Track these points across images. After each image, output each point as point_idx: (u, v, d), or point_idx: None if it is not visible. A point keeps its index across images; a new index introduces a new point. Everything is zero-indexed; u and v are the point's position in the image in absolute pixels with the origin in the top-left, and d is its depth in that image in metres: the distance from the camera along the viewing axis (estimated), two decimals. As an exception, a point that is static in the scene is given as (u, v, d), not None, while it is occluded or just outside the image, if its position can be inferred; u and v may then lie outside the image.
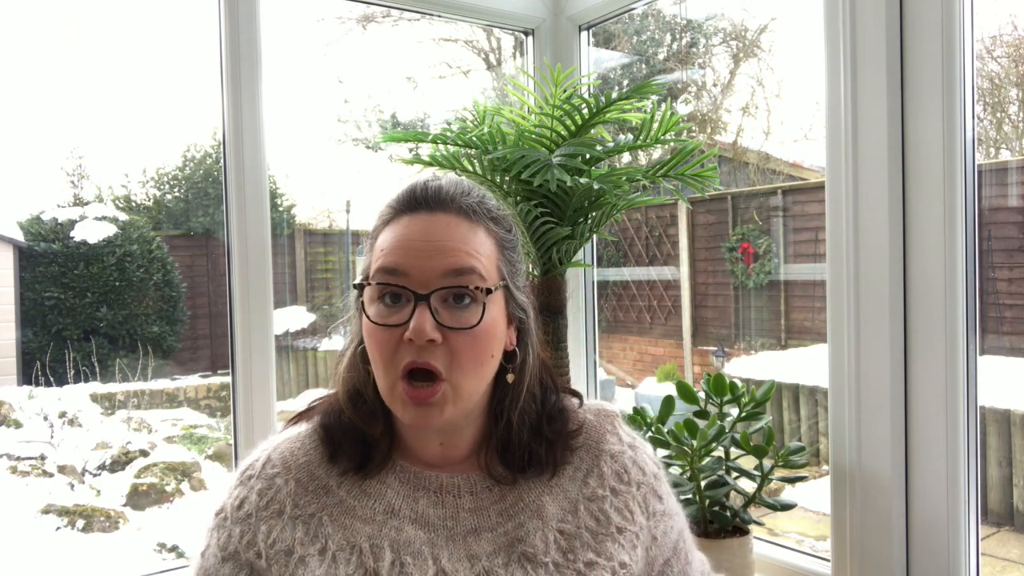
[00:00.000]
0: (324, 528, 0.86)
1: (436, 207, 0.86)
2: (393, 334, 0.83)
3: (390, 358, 0.83)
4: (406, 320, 0.82)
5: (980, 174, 1.31)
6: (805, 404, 4.15)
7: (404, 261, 0.83)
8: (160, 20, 4.99)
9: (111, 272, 4.81)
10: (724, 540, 1.41)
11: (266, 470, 0.90)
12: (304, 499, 0.87)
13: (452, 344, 0.83)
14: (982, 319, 1.57)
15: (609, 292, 5.86)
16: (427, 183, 0.89)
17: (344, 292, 5.79)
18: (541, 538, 0.88)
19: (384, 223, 0.89)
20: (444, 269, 0.83)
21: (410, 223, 0.86)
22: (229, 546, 0.87)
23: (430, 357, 0.82)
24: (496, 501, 0.90)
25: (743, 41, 5.84)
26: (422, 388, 0.82)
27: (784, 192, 5.01)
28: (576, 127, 1.46)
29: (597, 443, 0.95)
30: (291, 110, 5.38)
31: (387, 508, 0.88)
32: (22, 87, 4.70)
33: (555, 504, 0.90)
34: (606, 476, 0.93)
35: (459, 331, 0.83)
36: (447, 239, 0.84)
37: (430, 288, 0.82)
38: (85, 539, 3.39)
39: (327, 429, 0.92)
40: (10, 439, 3.87)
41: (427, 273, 0.83)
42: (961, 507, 1.28)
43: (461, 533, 0.87)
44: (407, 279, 0.83)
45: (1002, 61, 3.94)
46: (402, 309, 0.83)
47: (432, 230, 0.85)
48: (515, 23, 1.99)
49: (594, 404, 1.00)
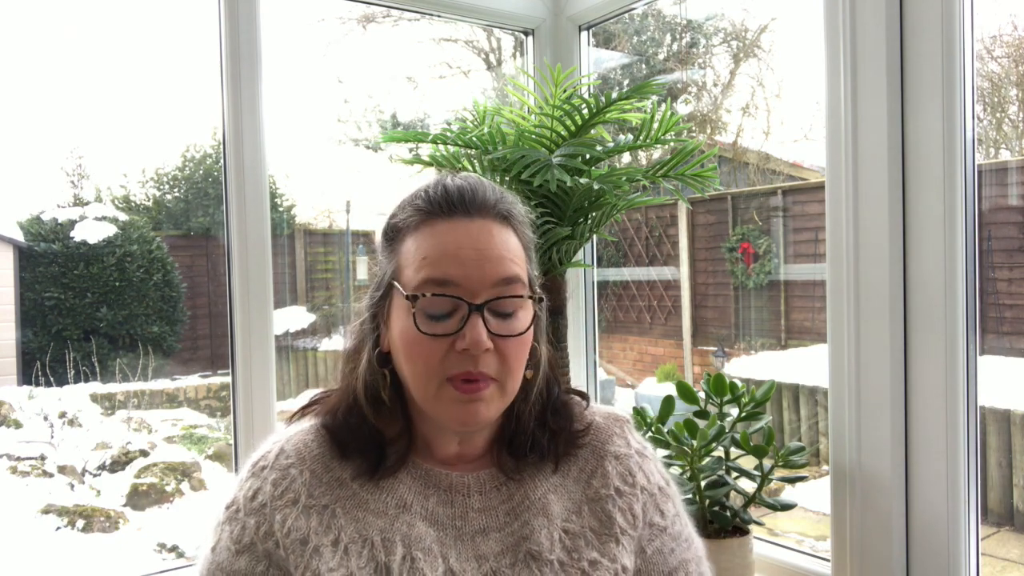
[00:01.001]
0: (337, 520, 0.85)
1: (475, 212, 0.86)
2: (442, 344, 0.83)
3: (436, 365, 0.83)
4: (457, 329, 0.82)
5: (980, 174, 1.31)
6: (805, 404, 4.15)
7: (456, 272, 0.83)
8: (160, 20, 4.99)
9: (111, 272, 4.81)
10: (724, 540, 1.41)
11: (280, 460, 0.89)
12: (318, 490, 0.87)
13: (501, 349, 0.84)
14: (982, 319, 1.57)
15: (609, 292, 5.86)
16: (461, 184, 0.88)
17: (344, 292, 5.80)
18: (547, 536, 0.88)
19: (414, 226, 0.87)
20: (495, 279, 0.83)
21: (452, 230, 0.85)
22: (244, 538, 0.86)
23: (483, 366, 0.83)
24: (504, 500, 0.90)
25: (743, 41, 5.84)
26: (473, 384, 0.83)
27: (784, 192, 5.01)
28: (576, 127, 1.46)
29: (602, 444, 0.95)
30: (291, 110, 5.37)
31: (399, 503, 0.88)
32: (22, 87, 4.70)
33: (560, 503, 0.91)
34: (610, 476, 0.93)
35: (509, 338, 0.84)
36: (493, 247, 0.84)
37: (482, 298, 0.83)
38: (85, 539, 3.39)
39: (334, 429, 0.91)
40: (10, 439, 3.87)
41: (478, 283, 0.83)
42: (961, 507, 1.28)
43: (469, 533, 0.88)
44: (458, 289, 0.82)
45: (1002, 61, 3.94)
46: (450, 319, 0.83)
47: (478, 238, 0.84)
48: (515, 23, 1.99)
49: (605, 408, 1.00)
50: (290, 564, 0.84)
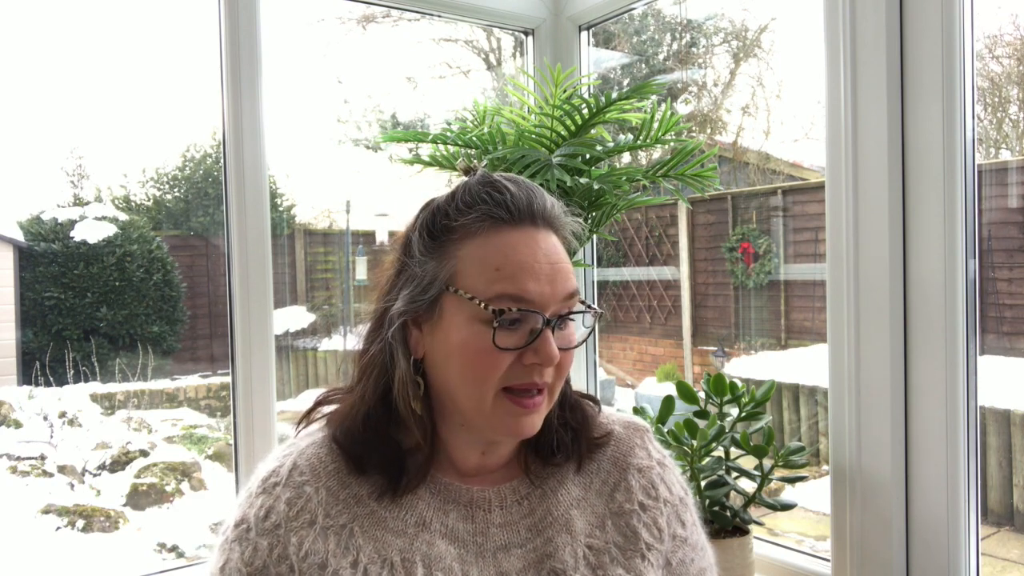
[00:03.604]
0: (355, 540, 0.83)
1: (540, 221, 0.85)
2: (510, 355, 0.81)
3: (496, 376, 0.81)
4: (527, 342, 0.81)
5: (980, 174, 1.31)
6: (805, 404, 4.16)
7: (533, 286, 0.81)
8: (160, 20, 4.99)
9: (111, 272, 4.81)
10: (724, 540, 1.41)
11: (294, 477, 0.85)
12: (335, 508, 0.84)
13: (559, 361, 0.83)
14: (982, 319, 1.57)
15: (609, 292, 5.86)
16: (528, 191, 0.86)
17: (344, 292, 5.79)
18: (571, 553, 0.86)
19: (479, 231, 0.83)
20: (564, 293, 0.83)
21: (525, 240, 0.83)
22: (256, 560, 0.82)
23: (548, 377, 0.83)
24: (526, 516, 0.89)
25: (743, 41, 5.84)
26: (531, 398, 0.83)
27: (784, 192, 5.01)
28: (576, 127, 1.46)
29: (625, 456, 0.94)
30: (291, 110, 5.38)
31: (418, 521, 0.85)
32: (22, 87, 4.70)
33: (583, 519, 0.89)
34: (634, 491, 0.92)
35: (568, 350, 0.84)
36: (560, 260, 0.84)
37: (551, 311, 0.82)
38: (85, 539, 3.39)
39: (349, 439, 0.87)
40: (10, 439, 3.87)
41: (550, 297, 0.82)
42: (961, 507, 1.28)
43: (491, 549, 0.86)
44: (533, 304, 0.81)
45: (1002, 61, 3.94)
46: (519, 330, 0.81)
47: (547, 250, 0.83)
48: (515, 23, 1.99)
49: (624, 417, 1.00)
50: None
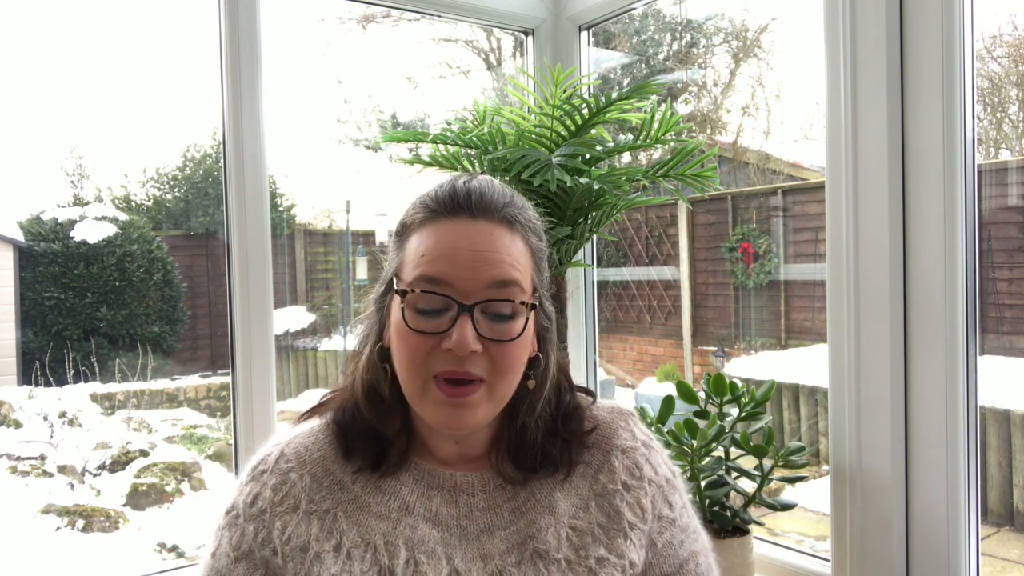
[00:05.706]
0: (339, 524, 0.85)
1: (479, 214, 0.84)
2: (429, 340, 0.82)
3: (422, 362, 0.82)
4: (446, 329, 0.81)
5: (980, 174, 1.31)
6: (805, 404, 4.15)
7: (449, 271, 0.81)
8: (160, 20, 4.99)
9: (111, 272, 4.81)
10: (724, 540, 1.41)
11: (280, 464, 0.88)
12: (319, 494, 0.86)
13: (491, 353, 0.82)
14: (982, 319, 1.57)
15: (609, 292, 5.86)
16: (469, 186, 0.86)
17: (344, 292, 5.79)
18: (553, 535, 0.87)
19: (419, 223, 0.86)
20: (489, 280, 0.82)
21: (453, 229, 0.84)
22: (242, 545, 0.85)
23: (470, 366, 0.82)
24: (509, 499, 0.90)
25: (743, 41, 5.84)
26: (460, 387, 0.82)
27: (784, 192, 5.01)
28: (576, 127, 1.46)
29: (608, 439, 0.94)
30: (291, 110, 5.38)
31: (401, 505, 0.87)
32: (22, 87, 4.70)
33: (567, 500, 0.90)
34: (617, 471, 0.92)
35: (500, 343, 0.83)
36: (491, 249, 0.83)
37: (473, 299, 0.81)
38: (85, 539, 3.39)
39: (341, 425, 0.90)
40: (10, 439, 3.87)
41: (471, 284, 0.81)
42: (961, 507, 1.28)
43: (474, 532, 0.87)
44: (450, 288, 0.81)
45: (1002, 61, 3.94)
46: (441, 317, 0.82)
47: (477, 239, 0.83)
48: (515, 23, 1.99)
49: (609, 403, 0.99)
50: (288, 572, 0.84)
